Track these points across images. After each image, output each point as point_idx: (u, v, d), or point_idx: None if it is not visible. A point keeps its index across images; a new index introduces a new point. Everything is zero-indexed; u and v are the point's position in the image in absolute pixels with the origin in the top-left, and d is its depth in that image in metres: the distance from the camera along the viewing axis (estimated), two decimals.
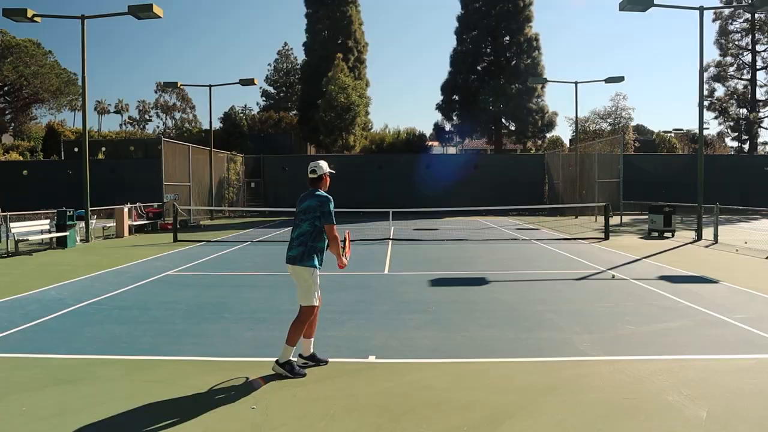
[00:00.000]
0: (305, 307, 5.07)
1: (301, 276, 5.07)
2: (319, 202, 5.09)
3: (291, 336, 5.02)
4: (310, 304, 5.07)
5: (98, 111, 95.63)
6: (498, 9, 37.59)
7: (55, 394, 4.66)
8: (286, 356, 5.02)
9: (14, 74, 48.75)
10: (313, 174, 5.27)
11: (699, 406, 4.27)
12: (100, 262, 12.75)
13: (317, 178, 5.26)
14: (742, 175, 32.65)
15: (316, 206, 5.08)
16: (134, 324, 6.97)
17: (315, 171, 5.25)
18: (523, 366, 5.30)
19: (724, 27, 45.31)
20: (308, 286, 5.06)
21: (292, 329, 5.04)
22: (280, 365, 5.01)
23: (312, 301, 5.08)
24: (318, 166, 5.27)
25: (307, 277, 5.06)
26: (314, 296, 5.10)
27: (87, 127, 18.68)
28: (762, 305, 7.85)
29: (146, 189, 25.89)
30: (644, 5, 16.26)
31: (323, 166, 5.29)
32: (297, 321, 5.07)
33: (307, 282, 5.06)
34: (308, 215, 5.10)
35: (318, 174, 5.25)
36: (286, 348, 5.02)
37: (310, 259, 5.06)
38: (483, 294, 8.77)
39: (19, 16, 16.69)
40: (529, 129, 39.26)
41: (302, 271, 5.05)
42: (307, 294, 5.07)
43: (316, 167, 5.27)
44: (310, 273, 5.06)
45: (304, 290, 5.08)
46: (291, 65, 66.74)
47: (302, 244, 5.07)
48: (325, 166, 5.32)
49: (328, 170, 5.33)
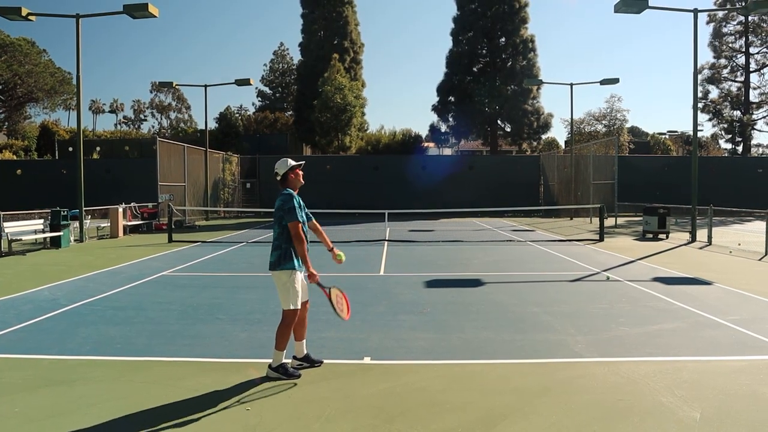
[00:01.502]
0: (287, 310, 4.99)
1: (279, 279, 5.00)
2: (282, 201, 5.01)
3: (278, 340, 4.98)
4: (290, 307, 4.97)
5: (93, 110, 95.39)
6: (494, 10, 37.67)
7: (48, 396, 4.64)
8: (277, 360, 5.00)
9: (8, 73, 48.47)
10: (276, 176, 5.18)
11: (692, 408, 4.29)
12: (95, 262, 12.71)
13: (282, 179, 5.16)
14: (736, 176, 32.81)
15: (279, 205, 5.01)
16: (129, 325, 6.95)
17: (277, 172, 5.16)
18: (517, 367, 5.32)
19: (718, 29, 45.57)
20: (286, 289, 4.97)
21: (278, 333, 5.00)
22: (273, 369, 5.00)
23: (292, 304, 4.97)
24: (278, 166, 5.17)
25: (285, 280, 4.97)
26: (295, 299, 4.99)
27: (81, 126, 18.62)
28: (755, 307, 7.89)
29: (141, 189, 25.81)
30: (639, 7, 16.33)
31: (285, 163, 5.17)
32: (281, 325, 5.01)
33: (285, 285, 4.97)
34: (276, 216, 5.04)
35: (281, 174, 5.15)
36: (276, 353, 4.99)
37: (287, 261, 4.97)
38: (478, 295, 8.78)
39: (14, 14, 16.61)
40: (525, 130, 39.35)
41: (280, 275, 4.98)
42: (286, 297, 4.98)
43: (277, 168, 5.17)
44: (287, 275, 4.97)
45: (282, 293, 5.00)
46: (287, 65, 66.59)
47: (278, 248, 5.01)
48: (287, 163, 5.17)
49: (292, 164, 5.16)
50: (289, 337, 5.05)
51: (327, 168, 31.98)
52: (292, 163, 5.18)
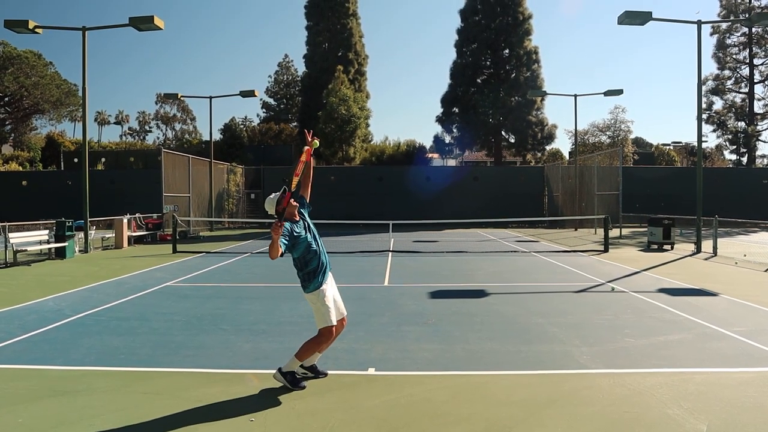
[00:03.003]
0: (323, 328, 5.01)
1: (310, 302, 5.08)
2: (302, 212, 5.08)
3: (303, 352, 4.97)
4: (326, 325, 5.00)
5: (98, 122, 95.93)
6: (498, 22, 37.89)
7: (52, 406, 4.63)
8: (290, 367, 5.00)
9: (15, 85, 48.90)
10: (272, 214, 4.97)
11: (699, 420, 4.25)
12: (99, 273, 12.73)
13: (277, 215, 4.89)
14: (741, 187, 32.72)
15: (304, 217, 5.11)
16: (132, 335, 6.94)
17: (267, 210, 4.97)
18: (522, 379, 5.28)
19: (722, 41, 45.64)
20: (317, 309, 5.02)
21: (306, 346, 4.99)
22: (282, 373, 4.98)
23: (327, 322, 4.99)
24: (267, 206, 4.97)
25: (315, 300, 5.02)
26: (329, 316, 4.99)
27: (87, 137, 18.75)
28: (762, 318, 7.83)
29: (146, 200, 25.91)
30: (642, 19, 16.40)
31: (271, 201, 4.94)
32: (314, 341, 5.01)
33: (316, 305, 5.03)
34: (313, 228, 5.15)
35: (273, 210, 4.93)
36: (294, 360, 4.99)
37: (310, 282, 5.00)
38: (482, 306, 8.75)
39: (21, 27, 16.80)
40: (529, 141, 39.43)
41: (309, 297, 5.05)
42: (320, 316, 5.02)
43: (266, 208, 4.98)
44: (315, 296, 5.01)
45: (316, 314, 5.06)
46: (291, 77, 66.98)
47: (298, 275, 5.08)
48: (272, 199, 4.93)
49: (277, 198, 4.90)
50: (314, 354, 5.07)
51: (331, 179, 32.05)
52: (277, 196, 4.92)
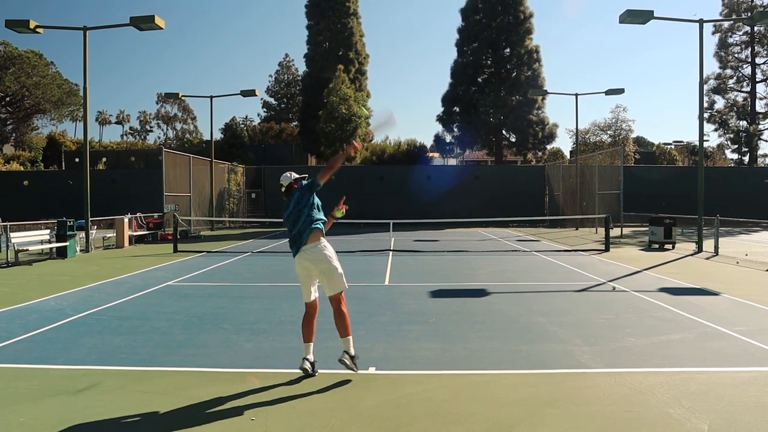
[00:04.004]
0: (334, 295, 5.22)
1: (320, 254, 5.19)
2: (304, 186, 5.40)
3: (343, 328, 5.20)
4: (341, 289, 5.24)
5: (99, 121, 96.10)
6: (498, 21, 37.81)
7: (53, 405, 4.63)
8: (350, 347, 5.21)
9: (16, 85, 48.96)
10: (281, 187, 5.53)
11: (700, 419, 4.25)
12: (100, 272, 12.74)
13: (286, 190, 5.49)
14: (742, 187, 32.69)
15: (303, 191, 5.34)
16: (134, 335, 6.95)
17: (282, 184, 5.51)
18: (523, 378, 5.28)
19: (724, 40, 45.57)
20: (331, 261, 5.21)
21: (338, 323, 5.21)
22: (350, 357, 5.17)
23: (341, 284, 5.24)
24: (283, 179, 5.53)
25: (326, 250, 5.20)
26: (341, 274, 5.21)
27: (88, 137, 18.75)
28: (763, 318, 7.82)
29: (147, 199, 25.94)
30: (644, 18, 16.38)
31: (289, 176, 5.53)
32: (336, 314, 5.22)
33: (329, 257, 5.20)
34: (303, 203, 5.29)
35: (285, 186, 5.49)
36: (345, 341, 5.20)
37: (317, 228, 5.23)
38: (483, 305, 8.75)
39: (22, 27, 16.79)
40: (530, 140, 39.34)
41: (318, 251, 5.19)
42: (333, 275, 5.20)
43: (282, 180, 5.53)
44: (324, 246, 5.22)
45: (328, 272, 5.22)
46: (292, 76, 67.02)
47: (307, 225, 5.20)
48: (291, 175, 5.54)
49: (295, 177, 5.53)
50: (347, 321, 5.24)
51: (331, 178, 31.98)
52: (296, 176, 5.53)
